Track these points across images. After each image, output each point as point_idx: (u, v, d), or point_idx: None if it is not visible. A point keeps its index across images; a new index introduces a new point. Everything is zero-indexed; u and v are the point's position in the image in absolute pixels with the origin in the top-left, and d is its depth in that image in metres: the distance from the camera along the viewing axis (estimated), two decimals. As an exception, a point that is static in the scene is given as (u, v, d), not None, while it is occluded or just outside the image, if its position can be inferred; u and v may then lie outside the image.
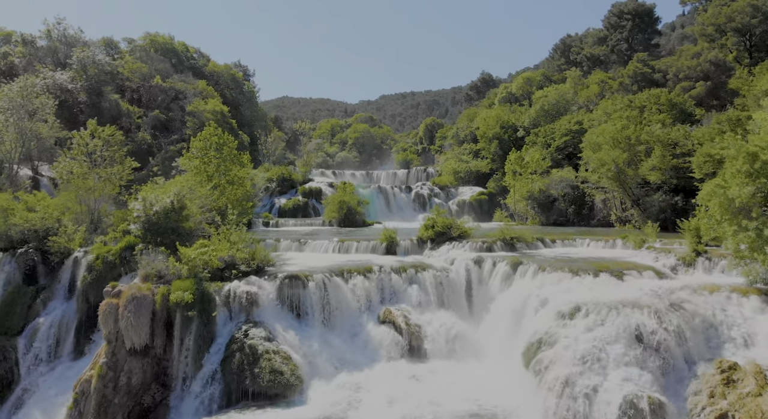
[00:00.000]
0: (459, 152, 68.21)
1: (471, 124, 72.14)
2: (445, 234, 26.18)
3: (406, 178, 78.59)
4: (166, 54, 62.90)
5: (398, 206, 54.94)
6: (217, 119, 49.05)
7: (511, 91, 79.09)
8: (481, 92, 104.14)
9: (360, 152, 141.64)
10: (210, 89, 61.06)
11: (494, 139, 60.47)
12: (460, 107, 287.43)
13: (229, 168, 27.10)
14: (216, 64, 69.18)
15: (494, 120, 62.30)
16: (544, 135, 53.21)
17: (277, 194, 48.97)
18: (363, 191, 52.42)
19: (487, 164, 61.04)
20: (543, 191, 45.59)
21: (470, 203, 56.84)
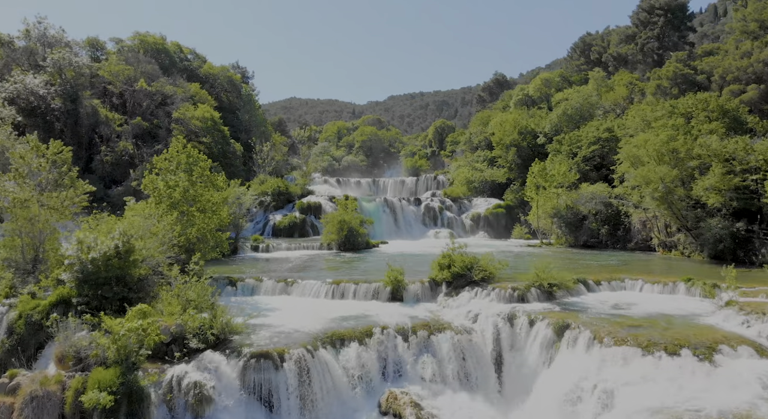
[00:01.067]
0: (472, 160, 63.04)
1: (485, 129, 66.93)
2: (465, 277, 21.02)
3: (415, 186, 73.51)
4: (158, 55, 58.39)
5: (406, 220, 49.92)
6: (207, 126, 44.39)
7: (527, 93, 73.75)
8: (494, 94, 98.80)
9: (367, 156, 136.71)
10: (203, 93, 56.44)
11: (512, 146, 55.24)
12: (470, 107, 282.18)
13: (201, 193, 22.21)
14: (212, 65, 64.62)
15: (511, 125, 57.07)
16: (568, 143, 47.91)
17: (272, 210, 44.14)
18: (367, 206, 47.48)
19: (504, 173, 55.80)
20: (570, 207, 40.38)
21: (486, 217, 51.68)
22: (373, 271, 25.87)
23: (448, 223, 51.39)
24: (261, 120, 65.05)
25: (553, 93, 72.46)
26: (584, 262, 30.74)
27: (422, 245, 42.88)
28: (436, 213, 51.67)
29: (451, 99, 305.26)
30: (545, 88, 71.71)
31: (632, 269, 25.95)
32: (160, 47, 57.85)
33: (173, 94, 48.87)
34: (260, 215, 44.02)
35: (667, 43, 56.13)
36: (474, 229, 51.32)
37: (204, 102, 56.20)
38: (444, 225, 51.25)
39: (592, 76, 66.25)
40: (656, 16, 56.43)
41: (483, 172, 58.64)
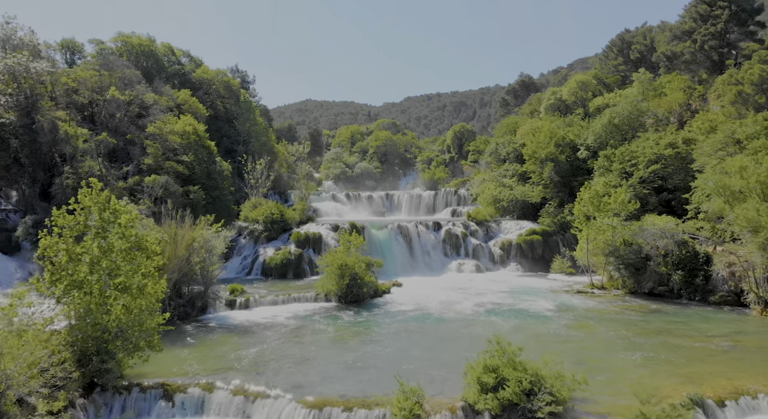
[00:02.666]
0: (500, 174, 55.10)
1: (513, 138, 58.95)
2: (522, 410, 13.15)
3: (433, 202, 65.81)
4: (146, 58, 51.83)
5: (424, 249, 42.27)
6: (188, 142, 37.42)
7: (560, 97, 65.49)
8: (520, 97, 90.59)
9: (382, 162, 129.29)
10: (193, 101, 49.57)
11: (548, 160, 47.22)
12: (488, 108, 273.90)
13: (120, 267, 14.85)
14: (208, 69, 57.89)
15: (546, 136, 49.03)
16: (620, 160, 39.76)
17: (263, 241, 36.89)
18: (377, 234, 39.95)
19: (539, 192, 47.79)
20: (629, 243, 32.38)
21: (519, 245, 43.76)
22: (381, 356, 18.40)
23: (473, 252, 43.59)
24: (262, 129, 58.01)
25: (589, 97, 64.21)
26: (659, 326, 22.82)
27: (445, 284, 35.28)
28: (459, 240, 43.92)
29: (469, 100, 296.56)
30: (581, 92, 63.41)
31: (753, 361, 17.99)
32: (146, 49, 51.16)
33: (154, 103, 42.02)
34: (250, 247, 36.82)
35: (732, 41, 47.58)
36: (504, 259, 43.45)
37: (194, 112, 49.32)
38: (468, 255, 43.48)
39: (636, 78, 57.86)
40: (719, 8, 47.89)
41: (513, 189, 50.68)
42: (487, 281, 37.12)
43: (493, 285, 35.06)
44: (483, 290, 33.15)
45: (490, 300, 29.10)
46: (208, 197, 36.37)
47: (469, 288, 33.63)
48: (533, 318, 24.95)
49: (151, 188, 33.42)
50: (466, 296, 30.32)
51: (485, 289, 33.67)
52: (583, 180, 46.58)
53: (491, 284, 35.28)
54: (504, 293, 31.96)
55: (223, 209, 37.02)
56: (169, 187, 33.77)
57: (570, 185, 47.58)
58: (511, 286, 34.59)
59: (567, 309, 27.12)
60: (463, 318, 24.57)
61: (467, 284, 35.65)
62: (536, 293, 32.17)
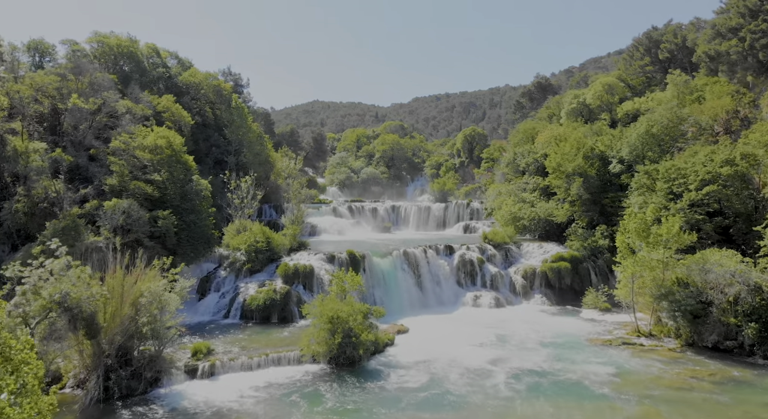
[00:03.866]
0: (518, 187, 49.24)
1: (533, 147, 53.10)
2: None
3: (443, 215, 60.10)
4: (127, 61, 46.66)
5: (434, 278, 36.56)
6: (161, 157, 32.05)
7: (583, 101, 59.51)
8: (536, 100, 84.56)
9: (388, 167, 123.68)
10: (176, 108, 44.26)
11: (576, 175, 41.34)
12: (499, 109, 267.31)
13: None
14: (197, 71, 52.63)
15: (573, 147, 43.16)
16: (665, 177, 33.84)
17: (246, 274, 31.38)
18: (380, 262, 34.28)
19: (566, 211, 41.89)
20: (685, 283, 26.56)
21: (544, 273, 37.97)
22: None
23: (491, 281, 37.83)
24: (255, 138, 52.57)
25: (616, 102, 58.22)
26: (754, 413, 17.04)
27: (461, 327, 29.62)
28: (474, 268, 38.16)
29: (478, 100, 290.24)
30: (607, 96, 57.38)
31: None
32: (126, 51, 45.95)
33: (126, 112, 36.76)
34: (230, 281, 31.32)
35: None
36: (527, 290, 37.63)
37: (177, 120, 43.98)
38: (486, 285, 37.72)
39: (671, 80, 51.81)
40: (770, 0, 41.76)
41: (534, 206, 44.83)
42: (510, 320, 31.37)
43: (520, 328, 29.27)
44: (509, 336, 27.45)
45: (523, 363, 23.25)
46: (182, 223, 30.95)
47: (490, 334, 27.93)
48: (587, 398, 19.25)
49: (110, 216, 28.05)
50: (491, 354, 24.58)
51: (511, 334, 27.94)
52: (615, 197, 40.75)
53: (517, 328, 29.51)
54: (537, 345, 26.19)
55: (199, 236, 31.61)
56: (132, 213, 28.36)
57: (600, 203, 41.74)
58: (542, 332, 28.76)
59: (623, 380, 21.32)
60: (496, 402, 18.86)
61: (487, 326, 29.94)
62: (576, 345, 26.38)
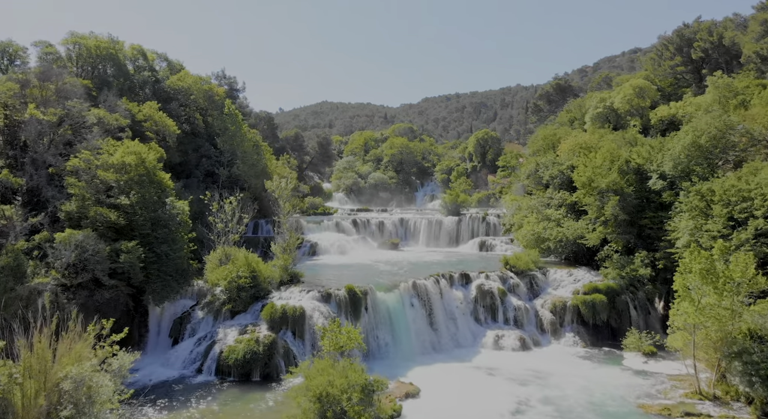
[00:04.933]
0: (541, 202, 43.83)
1: (556, 157, 47.70)
2: None
3: (456, 230, 54.85)
4: (108, 64, 42.07)
5: (448, 315, 31.38)
6: (131, 177, 27.26)
7: (611, 105, 53.96)
8: (554, 102, 78.96)
9: (397, 171, 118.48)
10: (160, 116, 39.58)
11: (610, 192, 35.94)
12: (510, 109, 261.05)
13: None
14: (189, 74, 47.88)
15: (605, 159, 37.77)
16: (724, 200, 28.40)
17: (227, 316, 26.44)
18: (385, 298, 29.14)
19: (599, 233, 36.48)
20: (761, 337, 21.22)
21: (575, 307, 32.66)
22: None
23: (514, 317, 32.58)
24: (251, 147, 47.80)
25: (647, 106, 52.65)
26: None
27: (482, 379, 24.54)
28: (494, 300, 32.94)
29: (489, 101, 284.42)
30: (638, 100, 51.80)
31: None
32: (105, 53, 41.34)
33: (97, 122, 32.10)
34: (207, 323, 26.37)
35: None
36: (556, 328, 32.34)
37: (160, 130, 39.27)
38: (508, 321, 32.48)
39: (711, 82, 46.07)
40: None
41: (561, 226, 39.48)
42: (540, 371, 26.14)
43: (554, 385, 24.03)
44: (544, 400, 22.27)
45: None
46: (152, 255, 26.13)
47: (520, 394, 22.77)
48: None
49: (62, 250, 23.29)
50: None
51: (545, 396, 22.71)
52: (656, 218, 35.30)
53: (551, 383, 24.27)
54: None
55: (172, 270, 26.74)
56: (88, 247, 23.57)
57: (638, 224, 36.34)
58: (581, 391, 23.52)
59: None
60: None
61: (514, 379, 24.80)
62: (628, 416, 21.14)
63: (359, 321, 27.02)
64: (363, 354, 23.83)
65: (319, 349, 21.47)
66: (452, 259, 43.11)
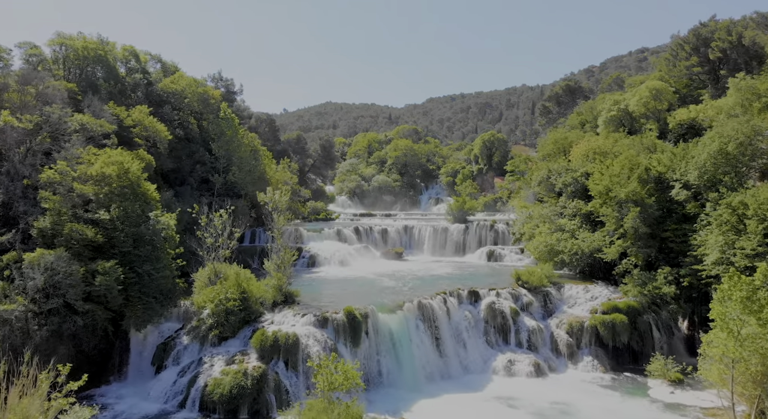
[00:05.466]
0: (554, 211, 41.34)
1: (569, 163, 45.18)
2: None
3: (463, 238, 52.40)
4: (98, 66, 39.91)
5: (456, 337, 28.91)
6: (111, 189, 25.04)
7: (625, 108, 51.38)
8: (564, 104, 76.34)
9: (401, 174, 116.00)
10: (150, 122, 37.36)
11: (629, 203, 33.42)
12: (516, 110, 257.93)
13: None
14: (184, 75, 45.66)
15: (624, 167, 35.27)
16: (759, 215, 25.86)
17: (214, 342, 24.10)
18: (389, 321, 26.73)
19: (617, 247, 33.92)
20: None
21: (594, 328, 30.17)
22: None
23: (527, 339, 30.10)
24: (247, 152, 45.55)
25: (664, 109, 50.02)
26: None
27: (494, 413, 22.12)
28: (506, 320, 30.49)
29: (494, 101, 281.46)
30: (655, 103, 49.17)
31: None
32: (93, 55, 39.19)
33: (80, 128, 29.94)
34: (192, 350, 23.98)
35: None
36: (573, 350, 29.86)
37: (150, 136, 37.08)
38: (521, 343, 29.99)
39: (734, 84, 43.40)
40: None
41: (576, 238, 36.95)
42: (560, 402, 23.71)
43: None
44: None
45: None
46: (133, 275, 23.89)
47: None
48: None
49: (31, 273, 21.06)
50: None
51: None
52: (679, 231, 32.78)
53: None
54: None
55: (154, 292, 24.47)
56: (59, 269, 21.32)
57: (659, 236, 33.82)
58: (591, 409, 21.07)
59: None
60: None
61: (532, 413, 22.41)
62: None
63: (359, 347, 24.68)
64: (364, 379, 21.53)
65: (314, 383, 19.10)
66: (459, 271, 40.69)
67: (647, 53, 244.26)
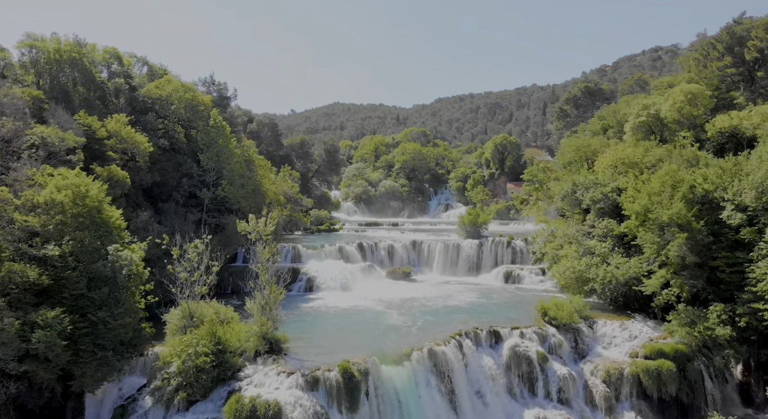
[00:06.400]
0: (581, 231, 36.63)
1: (598, 176, 40.43)
2: None
3: (477, 256, 47.81)
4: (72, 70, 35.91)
5: (475, 390, 24.43)
6: (61, 220, 20.86)
7: (655, 113, 46.49)
8: (583, 107, 71.41)
9: (409, 179, 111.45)
10: (128, 132, 33.23)
11: (673, 226, 28.70)
12: (527, 110, 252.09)
13: None
14: (171, 80, 41.48)
15: (665, 184, 30.57)
16: None
17: (181, 407, 19.83)
18: (393, 375, 22.21)
19: (660, 278, 29.18)
20: None
21: (635, 377, 25.53)
22: None
23: (558, 390, 25.52)
24: (240, 163, 41.26)
25: (700, 114, 45.11)
26: None
27: None
28: (533, 367, 25.90)
29: (504, 101, 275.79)
30: (690, 108, 44.27)
31: None
32: (66, 58, 35.16)
33: (41, 144, 25.86)
34: (155, 417, 19.84)
35: None
36: (611, 404, 25.24)
37: (128, 149, 32.94)
38: (551, 395, 25.41)
39: (783, 86, 38.58)
40: None
41: (609, 265, 32.22)
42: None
43: None
44: None
45: None
46: (84, 325, 19.66)
47: None
48: None
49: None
50: None
51: None
52: (732, 260, 28.01)
53: None
54: None
55: (112, 343, 20.16)
56: (-15, 326, 17.15)
57: (708, 265, 29.08)
58: None
59: None
60: None
61: None
62: None
63: (357, 412, 20.28)
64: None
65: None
66: (475, 297, 36.18)
67: (661, 52, 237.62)
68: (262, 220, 22.92)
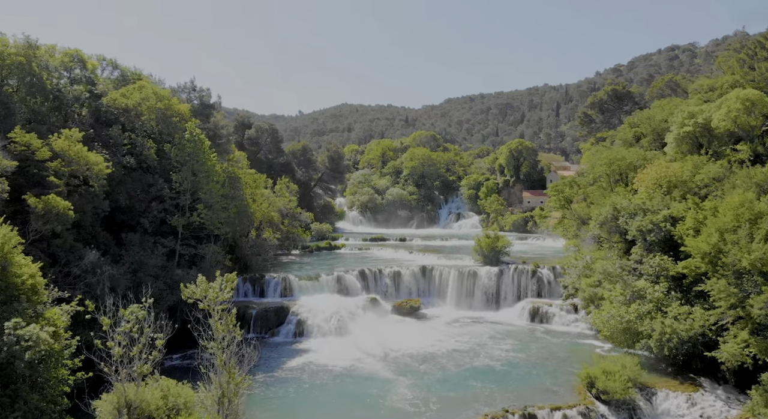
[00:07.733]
0: (626, 266, 30.21)
1: (632, 193, 34.04)
2: None
3: (497, 285, 41.57)
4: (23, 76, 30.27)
5: None
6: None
7: (704, 121, 39.87)
8: (609, 112, 64.75)
9: (418, 186, 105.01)
10: (79, 151, 27.50)
11: (755, 273, 22.29)
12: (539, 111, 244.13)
13: None
14: (141, 88, 35.54)
15: (740, 218, 24.16)
16: None
17: None
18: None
19: (739, 342, 22.76)
20: None
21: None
22: None
23: None
24: (218, 186, 35.26)
25: (758, 125, 38.45)
26: None
27: None
28: (578, 464, 19.77)
29: (515, 101, 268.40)
30: (745, 117, 37.64)
31: None
32: (11, 62, 29.47)
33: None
34: None
35: None
36: None
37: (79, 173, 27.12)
38: None
39: None
40: None
41: (666, 316, 25.85)
42: None
43: None
44: None
45: None
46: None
47: None
48: None
49: None
50: None
51: None
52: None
53: None
54: None
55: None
56: None
57: (799, 322, 22.63)
58: None
59: None
60: None
61: None
62: None
63: None
64: None
65: None
66: (498, 348, 29.97)
67: (678, 51, 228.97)
68: (215, 283, 16.89)
